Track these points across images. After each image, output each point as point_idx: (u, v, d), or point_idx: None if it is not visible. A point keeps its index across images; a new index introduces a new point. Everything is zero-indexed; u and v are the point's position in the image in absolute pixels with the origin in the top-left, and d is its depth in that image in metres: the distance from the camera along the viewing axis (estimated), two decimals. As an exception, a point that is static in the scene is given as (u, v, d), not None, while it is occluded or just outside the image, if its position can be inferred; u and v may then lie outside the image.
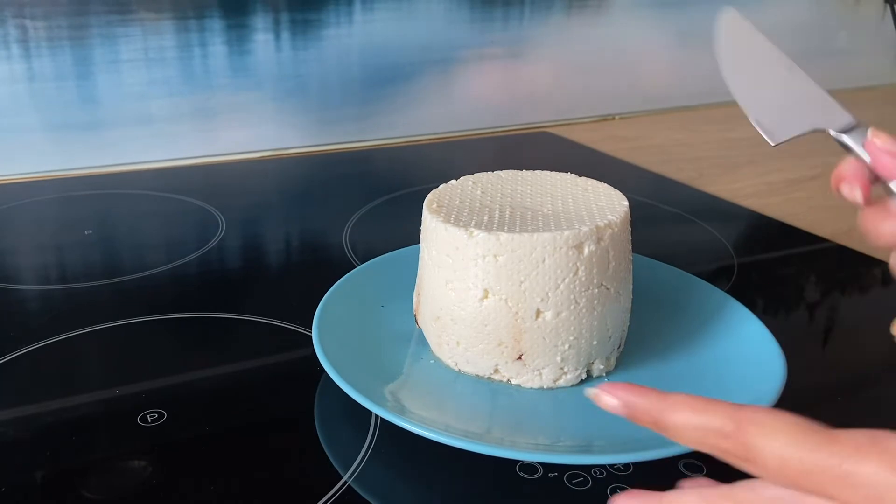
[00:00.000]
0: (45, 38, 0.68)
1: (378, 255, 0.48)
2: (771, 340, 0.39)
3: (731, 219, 0.65)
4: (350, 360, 0.37)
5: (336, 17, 0.78)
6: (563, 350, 0.36)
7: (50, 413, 0.37)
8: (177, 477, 0.33)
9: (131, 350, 0.42)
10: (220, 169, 0.75)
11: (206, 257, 0.55)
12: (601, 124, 0.97)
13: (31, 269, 0.53)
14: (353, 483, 0.32)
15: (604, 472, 0.33)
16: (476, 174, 0.44)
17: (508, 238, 0.35)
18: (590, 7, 0.92)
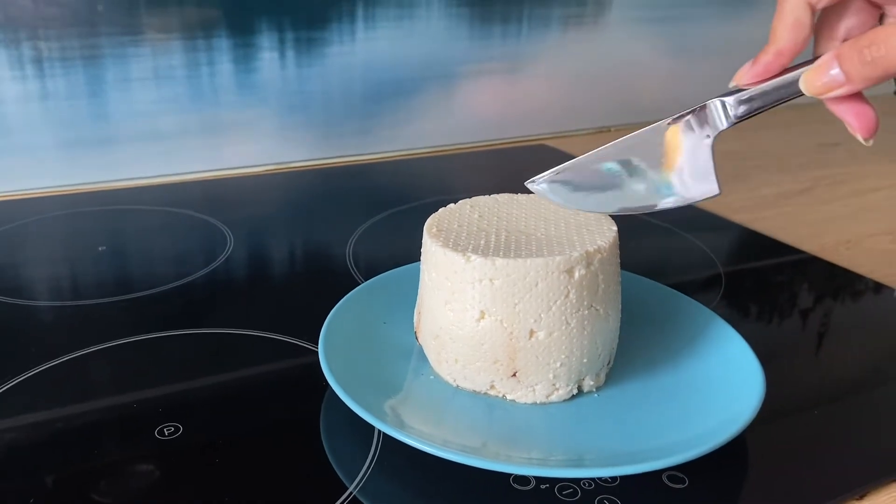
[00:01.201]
0: (59, 58, 0.70)
1: (380, 269, 0.51)
2: (752, 358, 0.41)
3: (720, 233, 0.67)
4: (354, 375, 0.39)
5: (339, 35, 0.81)
6: (555, 368, 0.39)
7: (67, 430, 0.39)
8: (191, 488, 0.35)
9: (145, 366, 0.45)
10: (226, 183, 0.77)
11: (215, 273, 0.57)
12: (597, 137, 0.99)
13: (46, 285, 0.55)
14: (357, 494, 0.35)
15: (593, 483, 0.35)
16: (473, 198, 0.46)
17: (503, 263, 0.38)
18: (586, 23, 0.94)
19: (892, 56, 0.30)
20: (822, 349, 0.49)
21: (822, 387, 0.45)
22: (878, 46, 0.30)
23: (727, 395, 0.39)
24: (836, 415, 0.42)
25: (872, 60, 0.30)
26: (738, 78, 0.36)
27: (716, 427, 0.36)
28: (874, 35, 0.30)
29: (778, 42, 0.34)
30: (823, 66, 0.32)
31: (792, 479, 0.36)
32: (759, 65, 0.35)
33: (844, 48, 0.31)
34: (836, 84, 0.32)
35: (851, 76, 0.31)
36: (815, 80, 0.33)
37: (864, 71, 0.31)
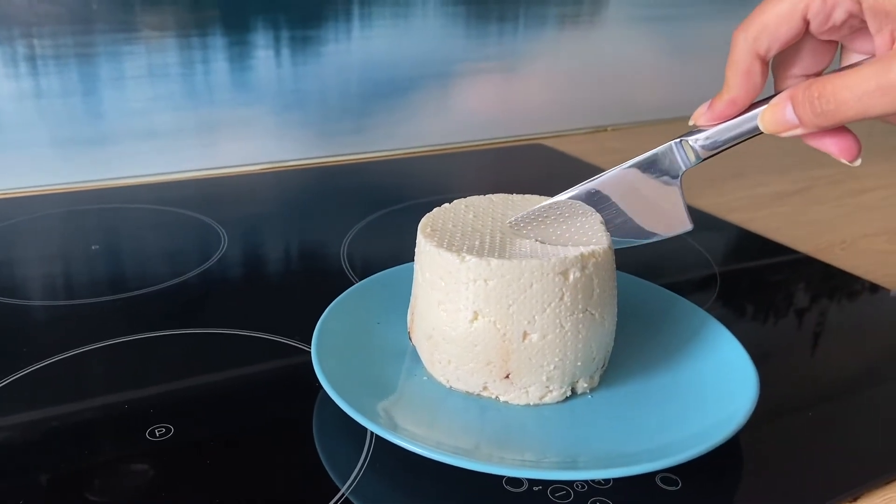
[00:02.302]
0: (52, 56, 0.70)
1: (375, 269, 0.50)
2: (746, 359, 0.41)
3: (715, 233, 0.67)
4: (347, 376, 0.39)
5: (335, 33, 0.80)
6: (548, 370, 0.38)
7: (60, 429, 0.39)
8: (182, 490, 0.35)
9: (138, 366, 0.44)
10: (221, 182, 0.77)
11: (209, 272, 0.57)
12: (593, 136, 0.99)
13: (39, 284, 0.55)
14: (350, 495, 0.34)
15: (585, 485, 0.35)
16: (468, 198, 0.46)
17: (498, 264, 0.37)
18: (582, 22, 0.94)
19: (842, 110, 0.30)
20: (817, 350, 0.49)
21: (816, 388, 0.45)
22: (828, 100, 0.30)
23: (721, 397, 0.39)
24: (831, 416, 0.42)
25: (823, 112, 0.30)
26: (695, 118, 0.36)
27: (709, 429, 0.36)
28: (823, 87, 0.30)
29: (731, 91, 0.34)
30: (779, 108, 0.32)
31: (786, 481, 0.36)
32: (714, 111, 0.35)
33: (798, 93, 0.31)
34: (792, 126, 0.32)
35: (804, 122, 0.32)
36: (771, 122, 0.33)
37: (816, 120, 0.31)
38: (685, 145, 0.36)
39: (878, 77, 0.28)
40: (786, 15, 0.31)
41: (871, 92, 0.28)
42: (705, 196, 0.76)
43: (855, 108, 0.29)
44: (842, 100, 0.29)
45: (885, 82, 0.28)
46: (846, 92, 0.29)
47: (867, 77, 0.28)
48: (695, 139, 0.36)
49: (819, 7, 0.30)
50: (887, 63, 0.28)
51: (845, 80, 0.29)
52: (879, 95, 0.28)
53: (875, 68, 0.28)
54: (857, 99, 0.29)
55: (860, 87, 0.28)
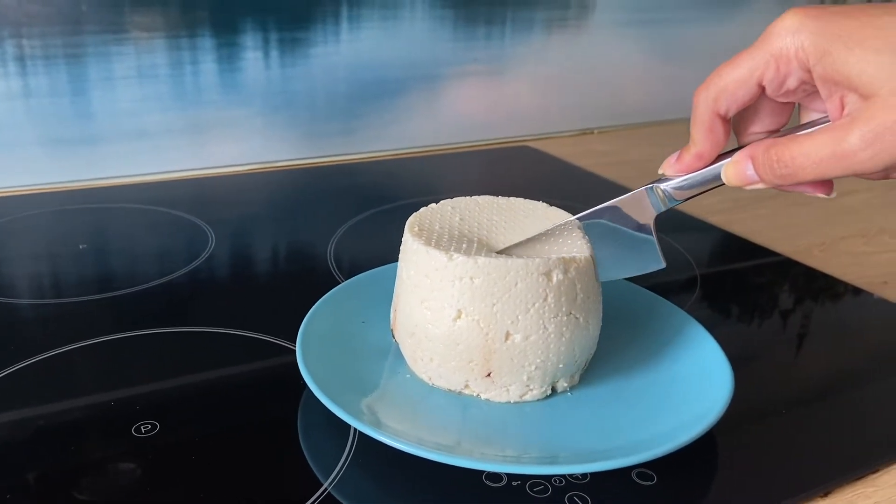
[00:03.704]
0: (41, 56, 0.70)
1: (361, 269, 0.51)
2: (722, 359, 0.42)
3: (697, 235, 0.68)
4: (331, 374, 0.40)
5: (323, 35, 0.81)
6: (529, 371, 0.39)
7: (46, 426, 0.39)
8: (168, 485, 0.35)
9: (125, 364, 0.45)
10: (210, 182, 0.78)
11: (196, 271, 0.57)
12: (580, 138, 1.00)
13: (27, 282, 0.55)
14: (332, 490, 0.35)
15: (563, 480, 0.36)
16: (455, 199, 0.46)
17: (485, 262, 0.38)
18: (569, 25, 0.95)
19: (799, 174, 0.31)
20: (794, 351, 0.50)
21: (791, 387, 0.46)
22: (786, 165, 0.32)
23: (697, 395, 0.40)
24: (805, 415, 0.43)
25: (781, 175, 0.32)
26: (664, 168, 0.38)
27: (684, 426, 0.37)
28: (781, 153, 0.32)
29: (697, 146, 0.36)
30: (740, 165, 0.34)
31: (759, 477, 0.37)
32: (682, 163, 0.37)
33: (759, 155, 0.33)
34: (753, 181, 0.34)
35: (765, 181, 0.33)
36: (733, 177, 0.35)
37: (776, 181, 0.33)
38: (657, 191, 0.38)
39: (833, 146, 0.30)
40: (742, 80, 0.33)
41: (826, 159, 0.30)
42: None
43: (812, 172, 0.31)
44: (799, 165, 0.31)
45: (839, 151, 0.29)
46: (803, 159, 0.31)
47: (822, 145, 0.30)
48: (665, 186, 0.38)
49: (773, 75, 0.32)
50: (840, 133, 0.29)
51: (802, 147, 0.31)
52: (834, 162, 0.30)
53: (829, 137, 0.30)
54: (813, 165, 0.31)
55: (816, 155, 0.30)
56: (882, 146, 0.28)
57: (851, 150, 0.29)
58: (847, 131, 0.29)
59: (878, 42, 0.28)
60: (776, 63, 0.32)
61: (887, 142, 0.28)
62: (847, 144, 0.29)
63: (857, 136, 0.29)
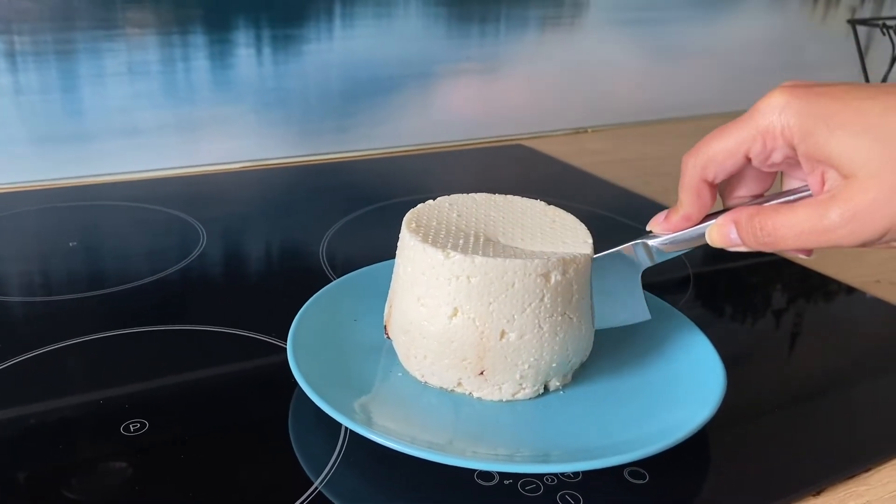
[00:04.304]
0: (32, 52, 0.69)
1: (354, 267, 0.51)
2: (715, 358, 0.42)
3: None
4: (322, 372, 0.40)
5: (316, 32, 0.81)
6: (522, 369, 0.39)
7: (35, 425, 0.39)
8: (157, 484, 0.35)
9: (114, 362, 0.44)
10: (201, 180, 0.77)
11: (187, 269, 0.57)
12: (574, 137, 1.00)
13: (16, 280, 0.55)
14: (323, 489, 0.35)
15: (555, 479, 0.36)
16: (452, 195, 0.46)
17: (483, 261, 0.38)
18: (563, 24, 0.95)
19: (780, 243, 0.33)
20: (787, 350, 0.50)
21: (784, 387, 0.46)
22: (769, 233, 0.33)
23: (689, 394, 0.40)
24: (798, 414, 0.43)
25: (764, 242, 0.34)
26: (652, 226, 0.40)
27: (676, 424, 0.36)
28: (764, 221, 0.34)
29: (684, 208, 0.37)
30: (724, 228, 0.36)
31: (751, 476, 0.37)
32: (670, 223, 0.38)
33: (742, 219, 0.35)
34: (735, 244, 0.36)
35: (747, 245, 0.35)
36: (717, 239, 0.37)
37: (758, 246, 0.35)
38: (646, 247, 0.40)
39: (814, 221, 0.31)
40: (730, 152, 0.34)
41: (806, 232, 0.32)
42: (682, 197, 0.77)
43: (792, 243, 0.33)
44: (781, 235, 0.33)
45: (820, 226, 0.31)
46: (785, 230, 0.33)
47: (804, 219, 0.32)
48: (653, 243, 0.40)
49: (760, 149, 0.34)
50: (821, 209, 0.31)
51: (785, 218, 0.33)
52: (815, 236, 0.32)
53: (810, 212, 0.32)
54: (794, 236, 0.32)
55: (797, 227, 0.32)
56: (859, 224, 0.30)
57: (831, 226, 0.31)
58: (827, 208, 0.31)
59: (857, 126, 0.30)
60: (763, 138, 0.33)
61: (864, 220, 0.30)
62: (827, 221, 0.31)
63: (837, 213, 0.31)
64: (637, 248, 0.40)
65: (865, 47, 1.06)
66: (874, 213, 0.30)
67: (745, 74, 1.12)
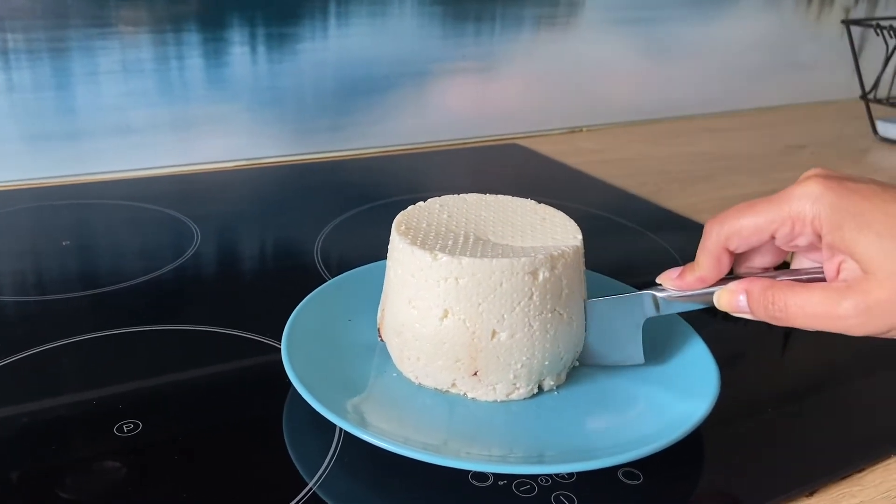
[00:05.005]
0: (25, 50, 0.69)
1: (349, 267, 0.51)
2: (709, 358, 0.42)
3: (685, 234, 0.68)
4: (316, 373, 0.39)
5: (311, 31, 0.80)
6: (515, 369, 0.39)
7: (28, 425, 0.39)
8: (150, 484, 0.35)
9: (108, 362, 0.44)
10: (196, 178, 0.77)
11: (181, 269, 0.57)
12: (569, 136, 1.00)
13: (9, 279, 0.55)
14: (317, 489, 0.35)
15: (549, 480, 0.36)
16: (443, 196, 0.46)
17: (470, 262, 0.38)
18: (558, 23, 0.95)
19: (790, 320, 0.35)
20: (780, 350, 0.51)
21: (777, 387, 0.46)
22: (780, 308, 0.35)
23: (683, 395, 0.40)
24: (791, 415, 0.43)
25: (774, 316, 0.35)
26: (663, 280, 0.40)
27: (670, 425, 0.37)
28: (776, 296, 0.35)
29: (701, 270, 0.38)
30: (735, 295, 0.37)
31: (744, 477, 0.37)
32: (683, 282, 0.39)
33: (756, 290, 0.36)
34: (743, 311, 0.37)
35: (756, 315, 0.36)
36: (726, 305, 0.38)
37: (767, 318, 0.36)
38: (654, 299, 0.41)
39: (826, 306, 0.33)
40: (758, 229, 0.36)
41: (818, 315, 0.33)
42: (676, 197, 0.78)
43: (802, 322, 0.34)
44: (792, 313, 0.34)
45: (832, 313, 0.33)
46: (796, 309, 0.34)
47: (817, 302, 0.33)
48: (662, 296, 0.40)
49: (787, 231, 0.35)
50: (836, 296, 0.33)
51: (798, 298, 0.34)
52: (825, 320, 0.33)
53: (825, 296, 0.33)
54: (805, 316, 0.34)
55: (810, 309, 0.34)
56: (870, 317, 0.32)
57: (843, 315, 0.33)
58: (843, 296, 0.33)
59: (882, 228, 0.32)
60: (792, 223, 0.34)
61: (875, 315, 0.32)
62: (840, 309, 0.33)
63: (851, 304, 0.32)
64: (645, 298, 0.41)
65: (859, 47, 1.07)
66: (886, 310, 0.32)
67: (739, 74, 1.12)
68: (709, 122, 1.09)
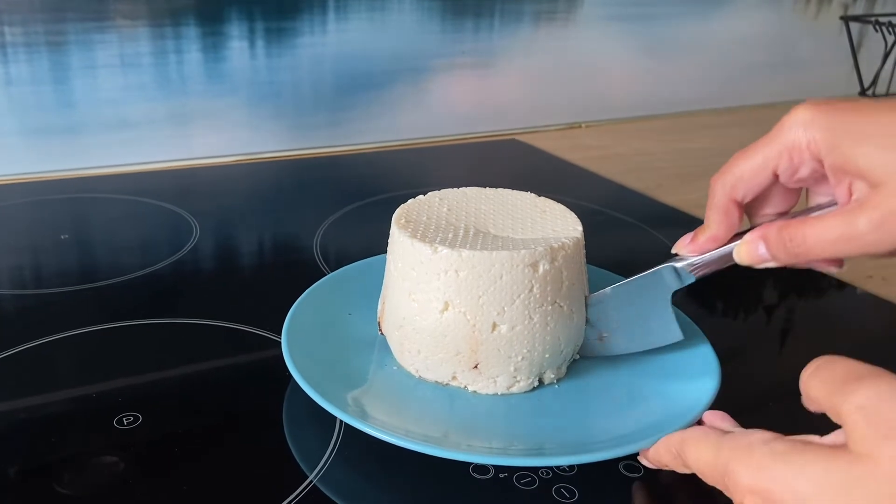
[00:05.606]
0: (23, 44, 0.69)
1: (347, 260, 0.51)
2: (709, 351, 0.42)
3: (684, 229, 0.68)
4: (317, 366, 0.39)
5: (310, 26, 0.80)
6: (516, 361, 0.39)
7: (27, 419, 0.39)
8: (150, 477, 0.35)
9: (107, 355, 0.44)
10: (194, 173, 0.77)
11: (180, 263, 0.57)
12: (568, 132, 1.00)
13: (7, 273, 0.54)
14: (317, 482, 0.35)
15: (550, 472, 0.36)
16: (443, 190, 0.46)
17: (469, 254, 0.38)
18: (558, 19, 0.95)
19: (811, 253, 0.33)
20: (780, 344, 0.51)
21: (777, 381, 0.46)
22: (798, 244, 0.34)
23: (684, 388, 0.40)
24: (791, 410, 0.43)
25: (795, 254, 0.34)
26: (678, 248, 0.40)
27: (671, 417, 0.36)
28: (794, 232, 0.34)
29: (712, 229, 0.38)
30: (753, 245, 0.36)
31: (745, 469, 0.37)
32: (697, 245, 0.39)
33: (771, 233, 0.35)
34: (764, 259, 0.36)
35: (777, 259, 0.36)
36: (746, 256, 0.37)
37: (788, 258, 0.35)
38: (674, 270, 0.40)
39: (843, 228, 0.32)
40: (758, 170, 0.35)
41: (835, 241, 0.32)
42: (676, 193, 0.78)
43: (823, 251, 0.33)
44: (811, 244, 0.33)
45: (848, 233, 0.32)
46: (814, 239, 0.33)
47: (832, 227, 0.32)
48: (681, 265, 0.40)
49: (787, 165, 0.34)
50: (850, 217, 0.32)
51: (814, 228, 0.33)
52: (844, 243, 0.32)
53: (839, 220, 0.32)
54: (824, 244, 0.33)
55: (827, 235, 0.32)
56: (887, 229, 0.31)
57: (860, 233, 0.31)
58: (856, 215, 0.31)
59: (882, 139, 0.31)
60: (789, 154, 0.34)
61: (892, 225, 0.31)
62: (855, 227, 0.31)
63: (865, 219, 0.31)
64: (665, 272, 0.40)
65: (858, 43, 1.07)
66: None
67: (738, 70, 1.12)
68: (708, 118, 1.09)
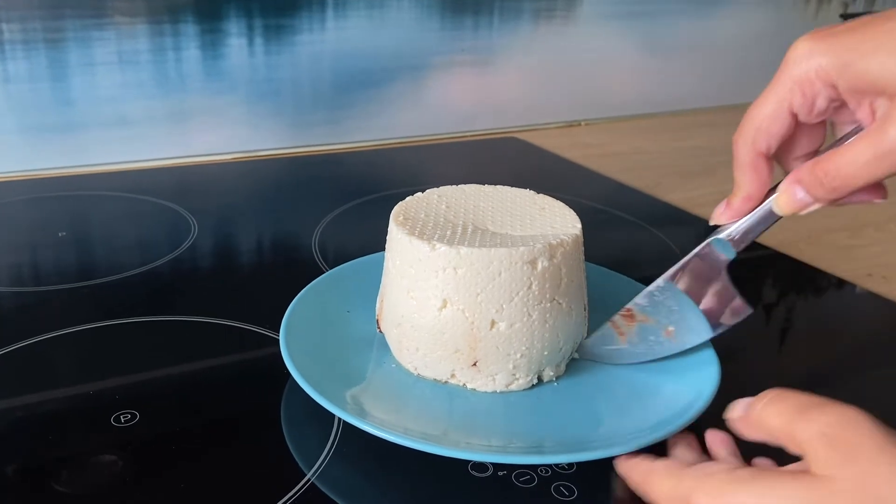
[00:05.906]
0: (21, 41, 0.68)
1: (346, 258, 0.50)
2: (709, 349, 0.42)
3: (684, 227, 0.68)
4: (315, 364, 0.39)
5: (309, 23, 0.80)
6: (515, 359, 0.39)
7: (24, 416, 0.39)
8: (148, 475, 0.35)
9: (105, 353, 0.44)
10: (192, 171, 0.77)
11: (179, 260, 0.56)
12: (567, 130, 1.00)
13: (5, 270, 0.54)
14: (315, 480, 0.35)
15: (549, 470, 0.36)
16: (441, 187, 0.46)
17: (468, 252, 0.38)
18: (557, 17, 0.95)
19: (849, 182, 0.32)
20: (780, 343, 0.50)
21: (777, 380, 0.45)
22: (834, 177, 0.32)
23: (683, 386, 0.40)
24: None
25: (833, 188, 0.33)
26: (715, 218, 0.38)
27: (669, 417, 0.36)
28: (826, 166, 0.32)
29: (744, 189, 0.36)
30: (790, 191, 0.35)
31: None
32: (733, 209, 0.37)
33: (804, 175, 0.34)
34: (806, 203, 0.35)
35: (818, 199, 0.34)
36: (786, 205, 0.35)
37: (828, 194, 0.33)
38: (719, 243, 0.39)
39: (874, 147, 0.31)
40: (774, 114, 0.34)
41: (870, 161, 0.31)
42: (676, 191, 0.77)
43: (860, 178, 0.32)
44: (847, 174, 0.32)
45: (880, 151, 0.30)
46: (848, 167, 0.32)
47: (863, 150, 0.31)
48: (723, 236, 0.38)
49: (801, 100, 0.33)
50: (877, 134, 0.30)
51: (845, 157, 0.32)
52: (878, 162, 0.31)
53: (867, 141, 0.31)
54: (859, 170, 0.31)
55: (860, 160, 0.31)
56: None
57: (891, 147, 0.30)
58: (884, 130, 0.30)
59: (892, 46, 0.30)
60: (801, 88, 0.33)
61: None
62: (886, 143, 0.30)
63: (894, 132, 0.30)
64: (711, 247, 0.39)
65: (858, 42, 1.07)
66: None
67: (737, 69, 1.12)
68: (707, 116, 1.08)
